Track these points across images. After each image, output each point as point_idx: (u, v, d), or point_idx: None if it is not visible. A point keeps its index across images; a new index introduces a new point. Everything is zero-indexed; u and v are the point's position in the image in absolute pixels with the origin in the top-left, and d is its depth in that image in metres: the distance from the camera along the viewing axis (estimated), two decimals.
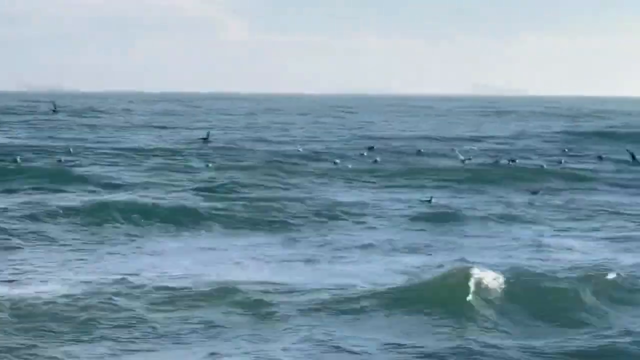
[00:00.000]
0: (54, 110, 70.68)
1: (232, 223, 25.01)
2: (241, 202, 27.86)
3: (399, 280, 17.25)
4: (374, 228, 24.73)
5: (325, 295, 15.96)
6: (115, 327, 14.06)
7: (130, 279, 17.17)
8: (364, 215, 26.59)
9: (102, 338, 13.57)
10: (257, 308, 15.17)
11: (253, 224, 24.93)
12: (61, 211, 25.14)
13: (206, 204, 27.38)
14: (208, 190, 31.31)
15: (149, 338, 13.71)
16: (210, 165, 39.94)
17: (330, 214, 26.35)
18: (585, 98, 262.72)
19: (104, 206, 25.86)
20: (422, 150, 47.34)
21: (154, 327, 14.17)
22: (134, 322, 14.38)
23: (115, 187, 32.27)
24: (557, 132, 64.81)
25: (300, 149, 47.94)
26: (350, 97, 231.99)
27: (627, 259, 20.19)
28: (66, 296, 15.54)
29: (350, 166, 39.85)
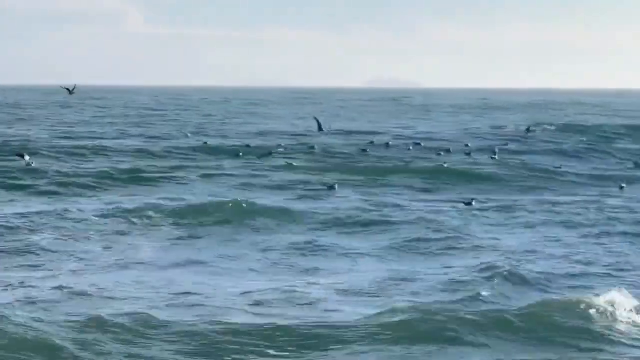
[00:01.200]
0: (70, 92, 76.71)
1: (115, 220, 23.29)
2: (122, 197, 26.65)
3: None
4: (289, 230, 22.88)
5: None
6: None
7: None
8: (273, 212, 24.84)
9: None
10: None
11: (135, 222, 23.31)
12: None
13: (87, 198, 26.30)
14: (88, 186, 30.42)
15: None
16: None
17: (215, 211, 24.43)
18: (485, 91, 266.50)
19: None
20: (323, 144, 46.37)
21: None
22: None
23: None
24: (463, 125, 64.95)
25: (191, 139, 48.33)
26: (253, 90, 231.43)
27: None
28: None
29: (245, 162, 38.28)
